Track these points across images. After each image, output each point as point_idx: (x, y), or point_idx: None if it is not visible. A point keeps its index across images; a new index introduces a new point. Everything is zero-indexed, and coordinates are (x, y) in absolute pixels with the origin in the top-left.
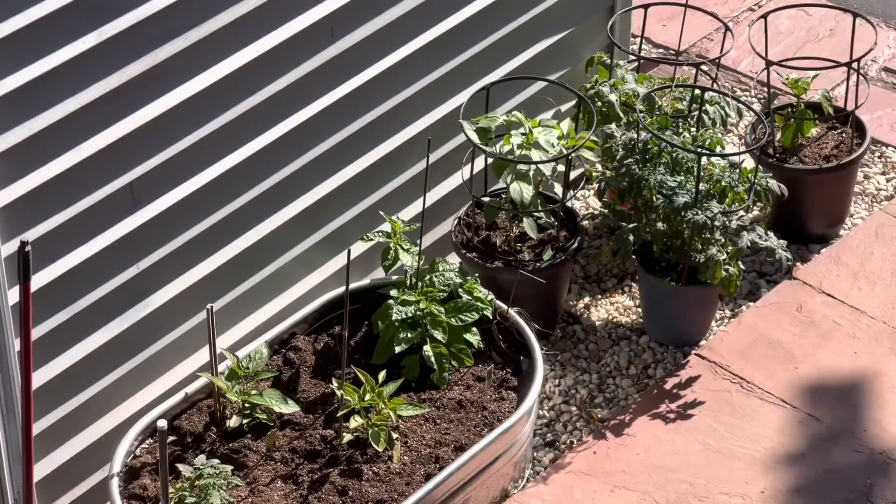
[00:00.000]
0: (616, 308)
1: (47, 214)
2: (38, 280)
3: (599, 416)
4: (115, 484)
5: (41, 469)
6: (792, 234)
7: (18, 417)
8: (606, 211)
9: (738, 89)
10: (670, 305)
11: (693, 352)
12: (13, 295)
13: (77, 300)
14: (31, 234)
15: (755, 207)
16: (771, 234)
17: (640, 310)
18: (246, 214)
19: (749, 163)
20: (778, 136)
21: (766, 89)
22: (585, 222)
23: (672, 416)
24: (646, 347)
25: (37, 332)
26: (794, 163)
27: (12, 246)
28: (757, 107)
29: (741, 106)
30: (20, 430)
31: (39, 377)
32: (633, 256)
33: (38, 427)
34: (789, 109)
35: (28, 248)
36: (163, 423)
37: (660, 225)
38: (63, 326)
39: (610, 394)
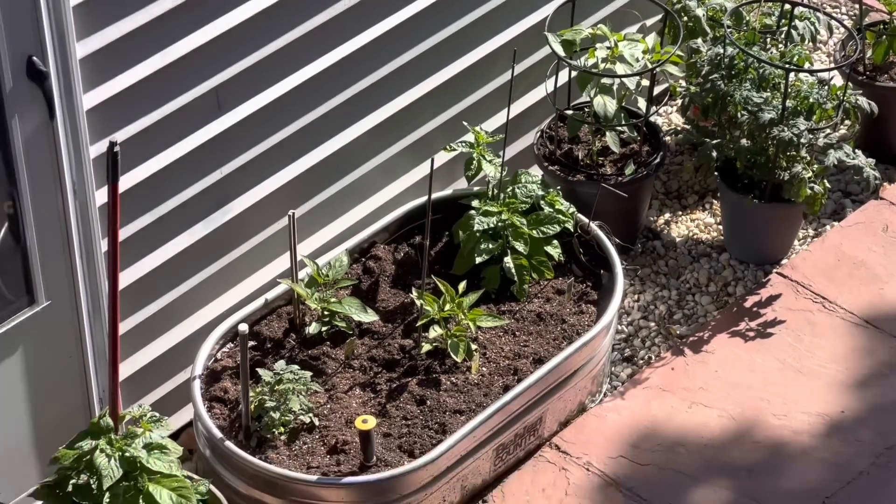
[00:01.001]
0: (697, 225)
1: (135, 117)
2: (125, 182)
3: (678, 332)
4: (196, 386)
5: (125, 369)
6: (880, 153)
7: (105, 318)
8: (689, 127)
9: (829, 5)
10: (752, 223)
11: (774, 270)
12: (101, 196)
13: (162, 203)
14: (120, 136)
15: (843, 126)
16: (859, 152)
17: (720, 227)
18: (329, 121)
19: (838, 80)
20: (868, 53)
21: (857, 5)
22: (668, 138)
23: (751, 334)
24: (726, 265)
25: (123, 234)
26: (884, 81)
27: (100, 147)
28: (848, 23)
29: (831, 22)
30: (106, 331)
31: (125, 278)
32: (716, 173)
33: (123, 328)
34: (881, 26)
35: (117, 148)
36: (244, 328)
37: (744, 141)
38: (148, 229)
39: (689, 310)
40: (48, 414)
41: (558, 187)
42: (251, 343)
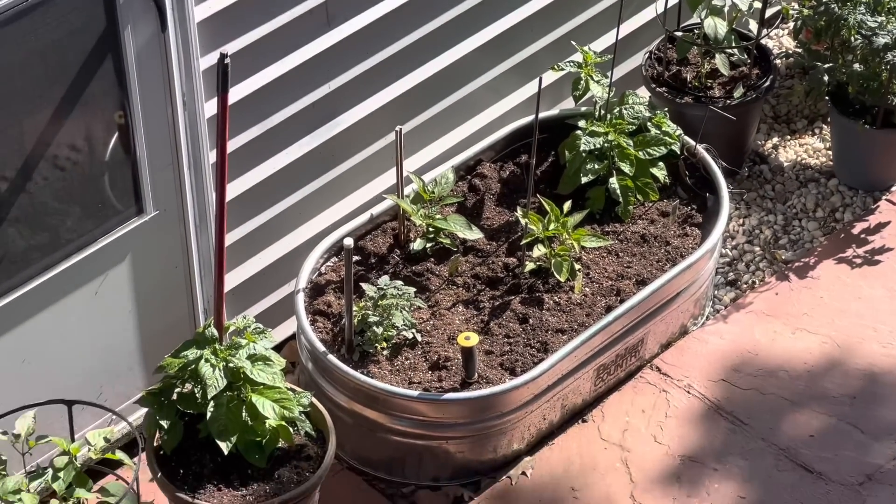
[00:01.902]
0: (805, 150)
1: (245, 29)
2: (235, 94)
3: (783, 257)
4: (300, 299)
5: (230, 280)
6: None
7: (211, 229)
8: (801, 50)
9: None
10: (862, 149)
11: (884, 197)
12: (210, 107)
13: (271, 115)
14: (230, 48)
15: None
16: None
17: (830, 152)
18: (438, 38)
19: None
20: None
21: None
22: (778, 61)
23: (858, 260)
24: (834, 190)
25: (231, 146)
26: None
27: (211, 59)
28: None
29: None
30: (213, 242)
31: (232, 190)
32: (827, 98)
33: (229, 239)
34: None
35: (227, 60)
36: (349, 242)
37: (857, 66)
38: (256, 141)
39: (795, 236)
40: (154, 323)
41: (665, 109)
42: (355, 258)
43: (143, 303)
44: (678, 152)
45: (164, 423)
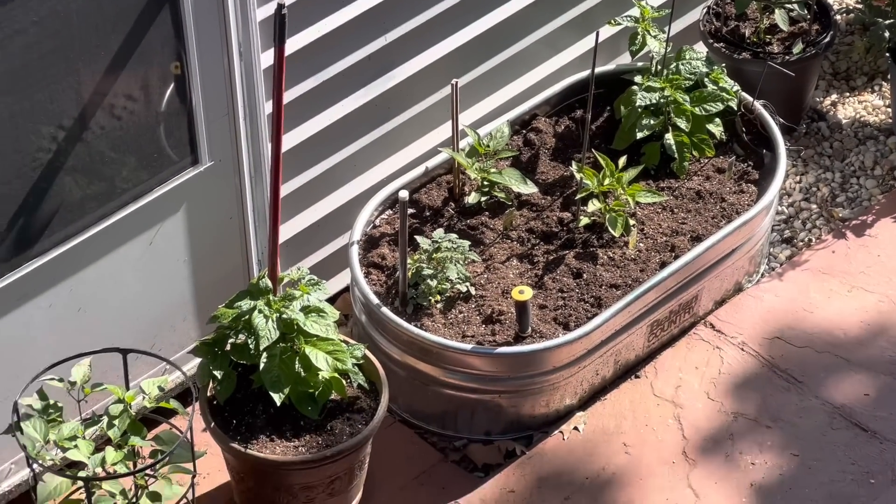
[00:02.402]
0: (864, 107)
1: None
2: (291, 45)
3: (840, 215)
4: (354, 251)
5: (285, 232)
6: None
7: (266, 180)
8: (861, 6)
9: None
10: None
11: None
12: (266, 58)
13: (327, 67)
14: None
15: None
16: None
17: (889, 110)
18: None
19: None
20: None
21: None
22: (838, 17)
23: None
24: (893, 148)
25: (287, 97)
26: None
27: (268, 10)
28: None
29: None
30: (268, 193)
31: (288, 141)
32: (887, 54)
33: (284, 191)
34: None
35: (284, 11)
36: (404, 194)
37: None
38: (312, 92)
39: (853, 193)
40: (208, 273)
41: (723, 65)
42: (410, 211)
43: (198, 253)
44: (735, 108)
45: (218, 374)
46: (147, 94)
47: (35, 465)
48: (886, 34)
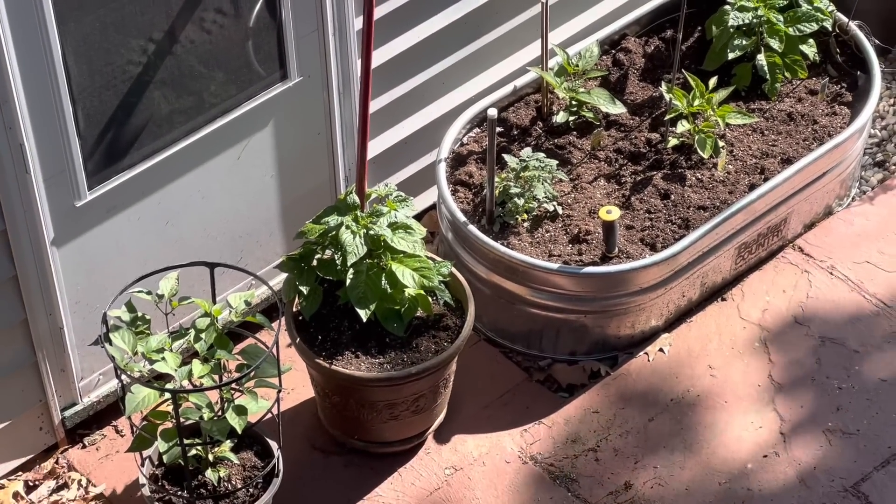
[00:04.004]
0: None
1: None
2: None
3: None
4: (442, 168)
5: (373, 148)
6: None
7: (355, 96)
8: None
9: None
10: None
11: None
12: None
13: None
14: None
15: None
16: None
17: None
18: None
19: None
20: None
21: None
22: None
23: None
24: None
25: (377, 13)
26: None
27: None
28: None
29: None
30: (357, 109)
31: (377, 58)
32: None
33: (372, 107)
34: None
35: None
36: (493, 112)
37: None
38: (402, 9)
39: None
40: (295, 189)
41: None
42: (498, 129)
43: (285, 169)
44: (829, 29)
45: (304, 289)
46: (237, 9)
47: (123, 377)
48: None
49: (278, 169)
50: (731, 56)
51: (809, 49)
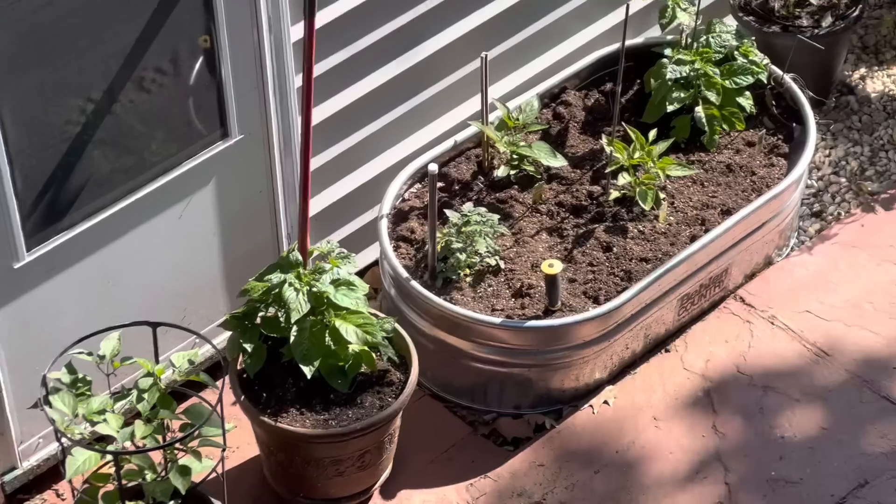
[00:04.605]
0: (893, 80)
1: None
2: (321, 18)
3: (869, 188)
4: (383, 225)
5: (314, 205)
6: None
7: (296, 154)
8: None
9: None
10: None
11: None
12: (296, 31)
13: (356, 40)
14: None
15: None
16: None
17: None
18: None
19: None
20: None
21: None
22: None
23: None
24: None
25: (317, 70)
26: None
27: None
28: None
29: None
30: (298, 166)
31: (317, 115)
32: None
33: (313, 164)
34: None
35: None
36: (433, 167)
37: None
38: (342, 66)
39: (882, 167)
40: (238, 247)
41: (753, 38)
42: (439, 184)
43: (228, 227)
44: (765, 82)
45: (248, 347)
46: (176, 68)
47: (64, 440)
48: None
49: (220, 227)
50: (670, 109)
51: (746, 101)
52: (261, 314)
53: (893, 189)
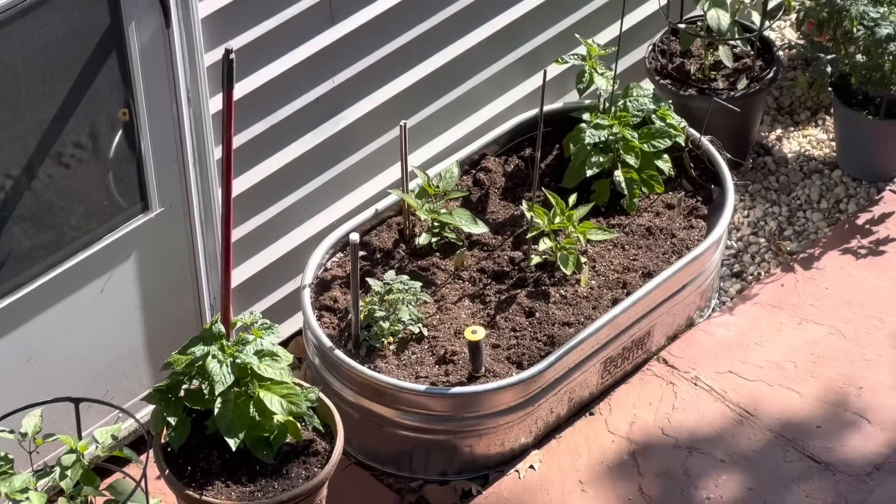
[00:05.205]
0: (809, 141)
1: (249, 25)
2: (240, 90)
3: (788, 248)
4: (306, 294)
5: (237, 276)
6: None
7: (217, 225)
8: (803, 41)
9: None
10: (866, 139)
11: (888, 187)
12: (214, 103)
13: (276, 111)
14: (234, 44)
15: None
16: None
17: (833, 143)
18: (441, 33)
19: None
20: None
21: None
22: (781, 53)
23: (863, 251)
24: (838, 181)
25: (237, 142)
26: None
27: (215, 55)
28: None
29: None
30: (219, 238)
31: (238, 186)
32: (830, 88)
33: (235, 235)
34: None
35: (232, 56)
36: (355, 237)
37: (859, 57)
38: (262, 136)
39: (800, 227)
40: (160, 320)
41: (670, 101)
42: (361, 253)
43: (150, 300)
44: (683, 144)
45: (172, 420)
46: (95, 142)
47: None
48: (828, 69)
49: (143, 300)
50: (589, 173)
51: (665, 164)
52: (184, 387)
53: (811, 248)
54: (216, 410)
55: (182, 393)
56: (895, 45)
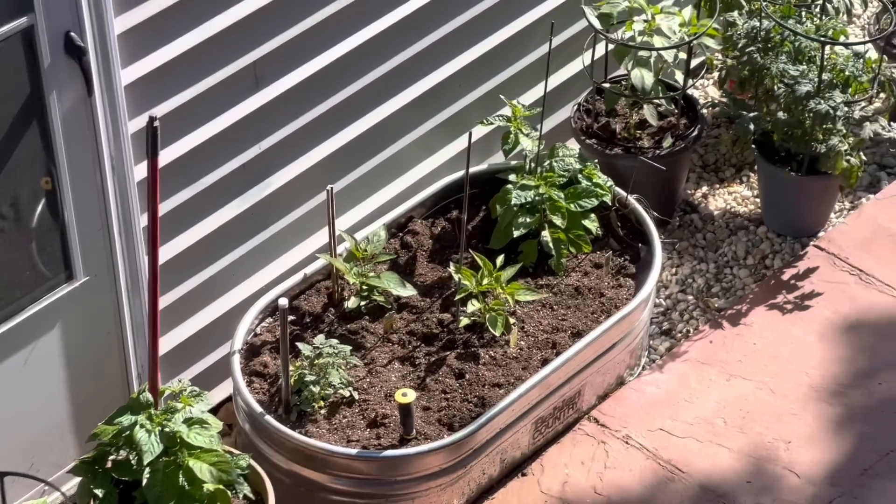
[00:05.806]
0: (734, 198)
1: (173, 92)
2: (164, 157)
3: (716, 305)
4: (236, 360)
5: (164, 344)
6: None
7: (144, 293)
8: (726, 100)
9: None
10: (789, 196)
11: (812, 243)
12: (139, 171)
13: (201, 178)
14: (158, 111)
15: (878, 98)
16: (894, 125)
17: (758, 200)
18: (366, 97)
19: (873, 54)
20: None
21: None
22: (705, 111)
23: (789, 306)
24: (764, 238)
25: (162, 209)
26: None
27: (139, 122)
28: None
29: None
30: (146, 306)
31: (164, 254)
32: (753, 146)
33: (162, 303)
34: None
35: (156, 123)
36: (284, 301)
37: (781, 114)
38: (187, 204)
39: (727, 283)
40: (87, 390)
41: (596, 161)
42: (290, 317)
43: (75, 370)
44: (610, 203)
45: (99, 492)
46: (17, 211)
47: None
48: (751, 126)
49: (68, 371)
50: (516, 234)
51: (592, 224)
52: (112, 457)
53: (739, 305)
54: (145, 481)
55: (109, 464)
56: (815, 103)
